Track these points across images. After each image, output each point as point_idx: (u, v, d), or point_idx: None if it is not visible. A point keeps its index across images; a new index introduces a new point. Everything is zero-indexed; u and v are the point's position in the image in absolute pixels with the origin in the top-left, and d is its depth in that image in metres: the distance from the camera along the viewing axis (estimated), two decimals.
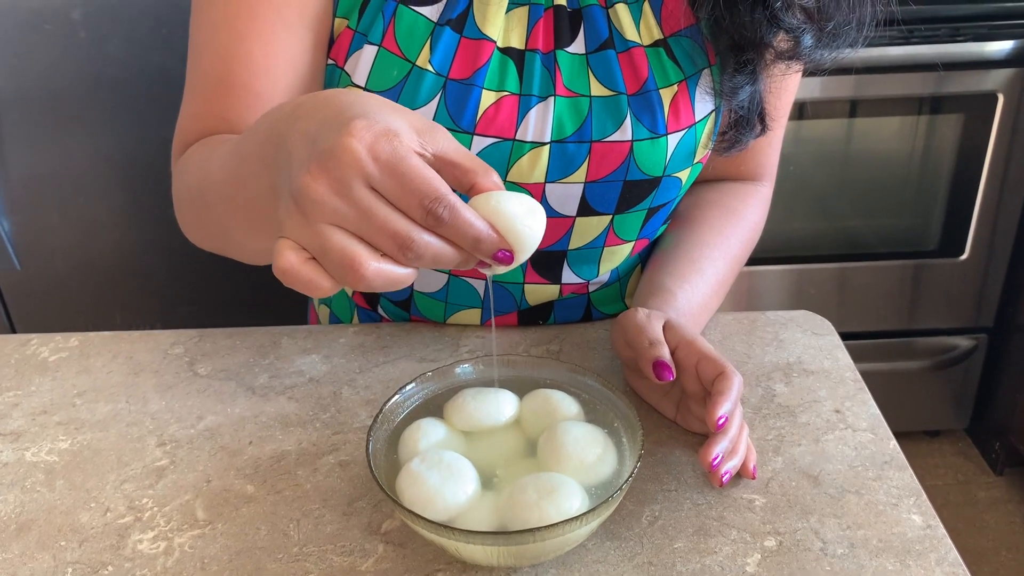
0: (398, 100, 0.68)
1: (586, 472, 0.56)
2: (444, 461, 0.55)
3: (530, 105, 0.70)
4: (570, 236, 0.75)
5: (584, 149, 0.70)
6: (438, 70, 0.68)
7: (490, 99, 0.69)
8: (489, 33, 0.69)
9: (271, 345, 0.80)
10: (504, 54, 0.70)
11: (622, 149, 0.70)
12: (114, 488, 0.65)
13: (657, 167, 0.72)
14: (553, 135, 0.70)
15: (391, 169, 0.43)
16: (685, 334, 0.65)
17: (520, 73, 0.70)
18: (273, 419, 0.71)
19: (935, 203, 1.78)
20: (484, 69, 0.69)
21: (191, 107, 0.71)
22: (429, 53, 0.68)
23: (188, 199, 0.67)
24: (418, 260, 0.45)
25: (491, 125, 0.69)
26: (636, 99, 0.70)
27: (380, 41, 0.69)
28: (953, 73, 1.64)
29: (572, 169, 0.71)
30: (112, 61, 1.52)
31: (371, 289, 0.45)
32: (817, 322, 0.80)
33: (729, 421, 0.60)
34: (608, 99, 0.70)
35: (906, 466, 0.64)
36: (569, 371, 0.63)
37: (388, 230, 0.44)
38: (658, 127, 0.70)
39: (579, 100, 0.70)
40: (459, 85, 0.68)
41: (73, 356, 0.80)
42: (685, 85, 0.71)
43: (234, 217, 0.57)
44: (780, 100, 0.79)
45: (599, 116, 0.70)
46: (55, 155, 1.58)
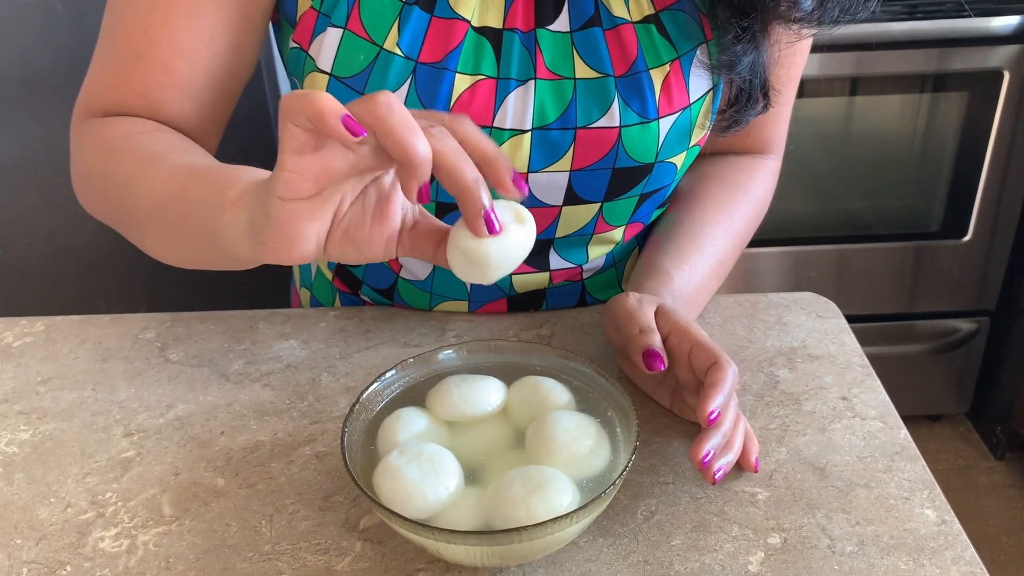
0: (365, 86, 0.64)
1: (577, 465, 0.52)
2: (425, 454, 0.52)
3: (509, 89, 0.65)
4: (557, 225, 0.71)
5: (569, 136, 0.66)
6: (407, 53, 0.63)
7: (464, 83, 0.64)
8: (462, 12, 0.64)
9: (247, 330, 0.76)
10: (479, 34, 0.64)
11: (609, 136, 0.66)
12: (76, 482, 0.61)
13: (648, 153, 0.67)
14: (535, 122, 0.65)
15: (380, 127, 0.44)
16: (678, 320, 0.61)
17: (497, 55, 0.65)
18: (247, 408, 0.67)
19: (937, 183, 1.74)
20: (457, 51, 0.64)
21: (105, 73, 0.67)
22: (397, 35, 0.63)
23: (104, 182, 0.65)
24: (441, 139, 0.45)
25: (466, 111, 0.64)
26: (624, 81, 0.65)
27: (345, 23, 0.64)
28: (957, 49, 1.60)
29: (556, 157, 0.66)
30: (92, 37, 1.47)
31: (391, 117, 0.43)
32: (822, 304, 0.76)
33: (722, 415, 0.56)
34: (594, 81, 0.65)
35: (918, 457, 0.60)
36: (560, 357, 0.59)
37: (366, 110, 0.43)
38: (648, 111, 0.66)
39: (563, 83, 0.65)
40: (430, 69, 0.64)
41: (38, 341, 0.76)
42: (678, 64, 0.67)
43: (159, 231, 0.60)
44: (788, 72, 0.74)
45: (584, 101, 0.65)
46: (35, 136, 1.54)
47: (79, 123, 0.69)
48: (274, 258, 0.47)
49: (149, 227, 0.61)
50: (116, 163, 0.63)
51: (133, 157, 0.62)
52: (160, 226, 0.60)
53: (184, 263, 0.61)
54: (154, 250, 0.63)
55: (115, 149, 0.64)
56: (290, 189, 0.45)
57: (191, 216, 0.55)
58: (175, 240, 0.59)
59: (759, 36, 0.66)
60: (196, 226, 0.55)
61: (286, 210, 0.46)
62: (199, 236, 0.55)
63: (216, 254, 0.55)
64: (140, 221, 0.61)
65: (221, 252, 0.54)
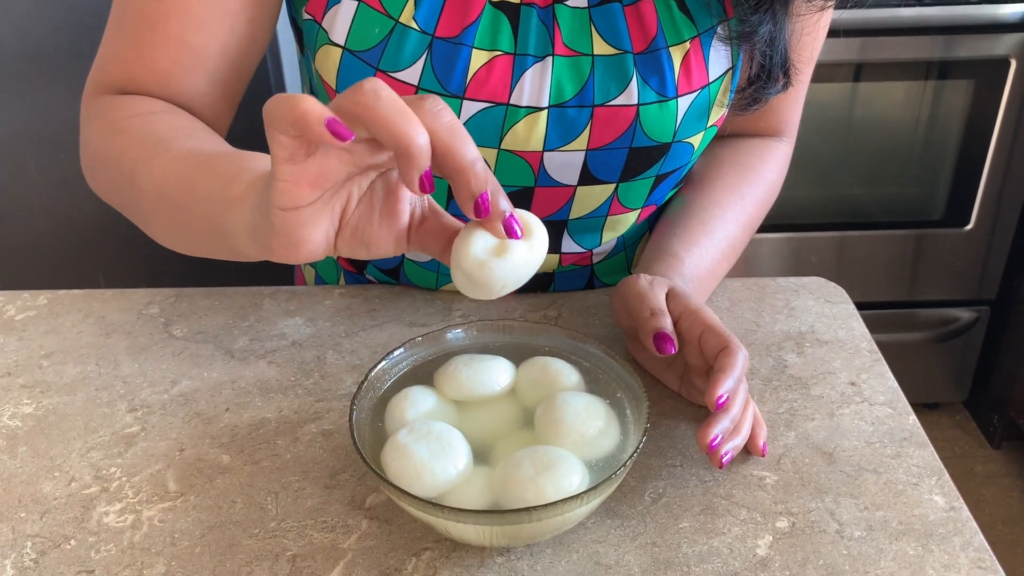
0: (380, 61, 0.63)
1: (586, 446, 0.52)
2: (433, 432, 0.51)
3: (526, 66, 0.64)
4: (571, 206, 0.70)
5: (586, 114, 0.65)
6: (423, 27, 0.62)
7: (481, 59, 0.63)
8: None
9: (252, 306, 0.76)
10: (497, 8, 0.63)
11: (627, 114, 0.65)
12: (80, 456, 0.61)
13: (666, 133, 0.66)
14: (551, 99, 0.64)
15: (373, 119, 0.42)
16: (689, 303, 0.61)
17: (515, 30, 0.64)
18: (252, 384, 0.67)
19: (941, 172, 1.74)
20: (474, 26, 0.63)
21: (117, 46, 0.66)
22: (413, 8, 0.62)
23: (111, 165, 0.63)
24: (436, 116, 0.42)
25: (482, 88, 0.63)
26: (643, 58, 0.64)
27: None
28: (963, 36, 1.59)
29: (572, 136, 0.65)
30: (91, 9, 1.45)
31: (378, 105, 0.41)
32: (830, 289, 0.76)
33: (731, 399, 0.55)
34: (612, 58, 0.64)
35: (927, 443, 0.60)
36: (569, 338, 0.59)
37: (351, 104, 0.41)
38: (667, 89, 0.65)
39: (580, 60, 0.64)
40: (447, 44, 0.63)
41: (41, 315, 0.75)
42: (698, 41, 0.66)
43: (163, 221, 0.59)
44: (806, 52, 0.73)
45: (602, 78, 0.64)
46: (33, 109, 1.52)
47: (89, 101, 0.67)
48: (282, 260, 0.45)
49: (155, 217, 0.60)
50: (121, 147, 0.62)
51: (139, 142, 0.61)
52: (165, 216, 0.58)
53: (192, 252, 0.60)
54: (161, 238, 0.62)
55: (121, 132, 0.62)
56: (288, 199, 0.43)
57: (196, 210, 0.54)
58: (181, 231, 0.58)
59: (777, 6, 0.65)
60: (201, 221, 0.54)
61: (289, 219, 0.43)
62: (205, 230, 0.54)
63: (223, 249, 0.54)
64: (145, 210, 0.60)
65: (227, 248, 0.53)
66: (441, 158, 0.42)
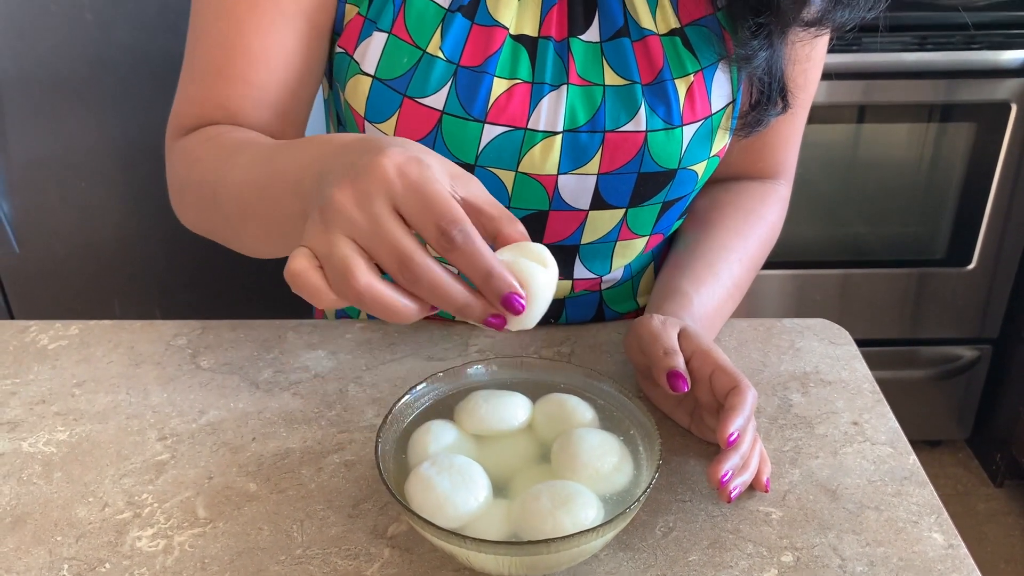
0: (408, 87, 0.67)
1: (601, 481, 0.54)
2: (455, 466, 0.54)
3: (543, 93, 0.68)
4: (583, 230, 0.74)
5: (597, 139, 0.69)
6: (449, 57, 0.67)
7: (502, 87, 0.67)
8: (502, 19, 0.67)
9: (276, 339, 0.78)
10: (516, 41, 0.68)
11: (636, 140, 0.69)
12: (113, 482, 0.63)
13: (672, 159, 0.70)
14: (566, 124, 0.68)
15: (415, 189, 0.45)
16: (701, 343, 0.63)
17: (533, 61, 0.68)
18: (277, 415, 0.70)
19: (943, 212, 1.77)
20: (496, 56, 0.67)
21: (189, 90, 0.71)
22: (440, 40, 0.67)
23: (194, 191, 0.67)
24: (416, 283, 0.45)
25: (502, 113, 0.67)
26: (651, 89, 0.69)
27: (390, 28, 0.67)
28: (965, 81, 1.63)
29: (585, 160, 0.69)
30: (118, 45, 1.50)
31: (363, 307, 0.45)
32: (834, 331, 0.79)
33: (741, 437, 0.58)
34: (622, 88, 0.68)
35: (926, 482, 0.62)
36: (584, 375, 0.62)
37: (392, 244, 0.44)
38: (673, 118, 0.69)
39: (592, 89, 0.68)
40: (470, 72, 0.67)
41: (73, 344, 0.78)
42: (701, 76, 0.70)
43: (249, 224, 0.59)
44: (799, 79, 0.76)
45: (613, 105, 0.68)
46: (57, 138, 1.56)
47: (170, 144, 0.72)
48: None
49: (243, 227, 0.61)
50: (200, 172, 0.65)
51: (213, 160, 0.64)
52: (252, 229, 0.60)
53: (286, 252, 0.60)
54: (254, 248, 0.63)
55: (198, 159, 0.66)
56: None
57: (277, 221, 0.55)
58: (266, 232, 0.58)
59: (775, 33, 0.69)
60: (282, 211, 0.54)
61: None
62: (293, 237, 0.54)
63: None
64: (235, 224, 0.62)
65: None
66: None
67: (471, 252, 0.45)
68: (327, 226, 0.45)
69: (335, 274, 0.45)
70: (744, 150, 0.80)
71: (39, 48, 1.49)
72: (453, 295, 0.45)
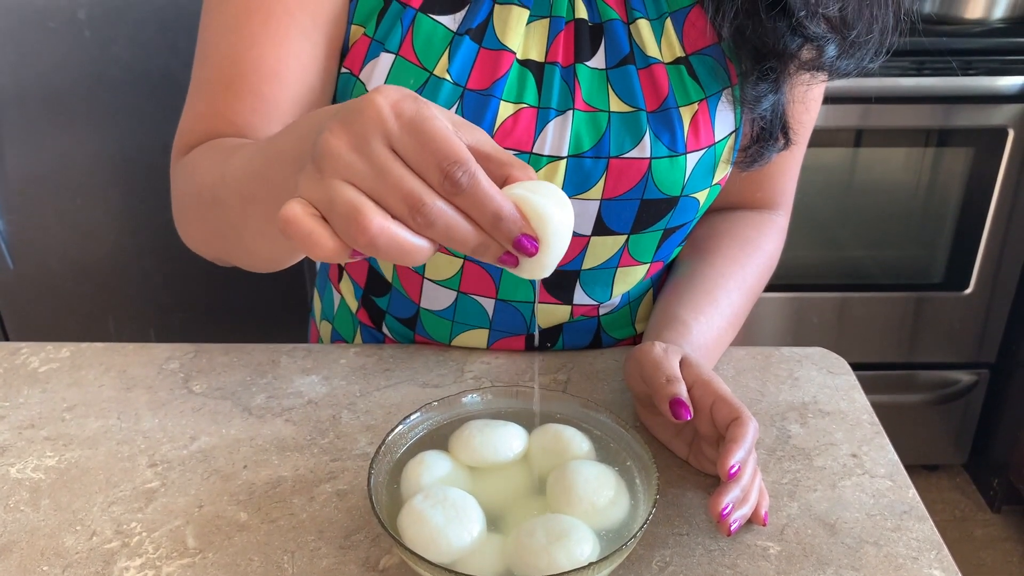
0: None
1: (597, 515, 0.53)
2: (449, 499, 0.53)
3: (548, 118, 0.68)
4: (584, 255, 0.73)
5: (601, 165, 0.68)
6: (456, 80, 0.66)
7: (508, 111, 0.67)
8: (509, 44, 0.67)
9: (269, 363, 0.78)
10: (523, 66, 0.68)
11: (640, 166, 0.68)
12: (101, 510, 0.62)
13: (675, 186, 0.70)
14: (570, 149, 0.68)
15: (412, 127, 0.41)
16: (702, 373, 0.63)
17: (539, 86, 0.68)
18: (269, 442, 0.69)
19: (940, 236, 1.77)
20: (503, 80, 0.67)
21: (196, 106, 0.69)
22: (447, 62, 0.66)
23: (195, 199, 0.64)
24: (430, 228, 0.42)
25: (508, 137, 0.67)
26: (656, 116, 0.68)
27: (397, 49, 0.67)
28: (963, 106, 1.63)
29: (589, 185, 0.69)
30: (116, 62, 1.50)
31: (375, 252, 0.42)
32: (833, 360, 0.78)
33: (742, 469, 0.57)
34: (627, 115, 0.68)
35: (926, 517, 0.62)
36: (581, 406, 0.61)
37: (401, 189, 0.41)
38: (677, 145, 0.69)
39: (598, 115, 0.68)
40: (477, 95, 0.67)
41: (64, 367, 0.77)
42: (705, 104, 0.70)
43: (251, 216, 0.55)
44: (803, 116, 0.77)
45: (618, 132, 0.68)
46: (54, 155, 1.56)
47: (174, 162, 0.70)
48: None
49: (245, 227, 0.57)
50: (199, 180, 0.63)
51: (209, 164, 0.61)
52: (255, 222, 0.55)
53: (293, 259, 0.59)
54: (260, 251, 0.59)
55: (196, 168, 0.64)
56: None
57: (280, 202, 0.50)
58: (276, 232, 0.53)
59: (781, 78, 0.70)
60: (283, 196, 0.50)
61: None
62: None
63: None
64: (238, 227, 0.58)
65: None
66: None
67: (478, 194, 0.41)
68: (323, 173, 0.42)
69: (341, 220, 0.41)
70: (743, 180, 0.80)
71: (37, 65, 1.49)
72: (468, 236, 0.42)
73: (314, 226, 0.42)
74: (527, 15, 0.68)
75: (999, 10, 1.63)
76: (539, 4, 0.68)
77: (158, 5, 1.44)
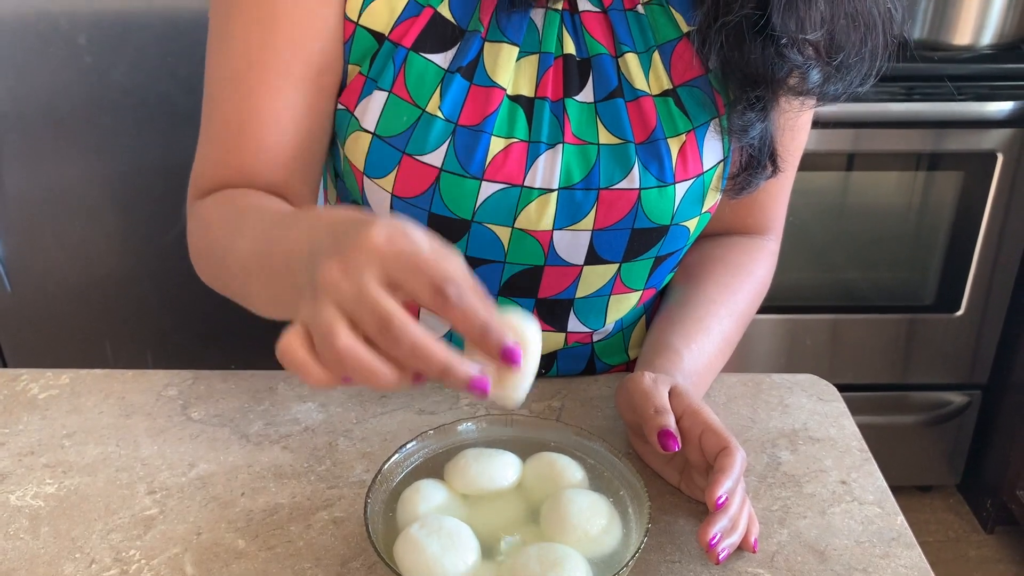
0: (407, 145, 0.68)
1: (590, 543, 0.54)
2: (444, 528, 0.54)
3: (539, 152, 0.69)
4: (577, 284, 0.75)
5: (592, 196, 0.70)
6: (448, 116, 0.68)
7: (499, 145, 0.68)
8: (499, 81, 0.69)
9: (267, 390, 0.79)
10: (514, 101, 0.69)
11: (630, 197, 0.70)
12: (100, 538, 0.63)
13: (665, 215, 0.71)
14: (561, 182, 0.69)
15: (405, 255, 0.45)
16: (691, 402, 0.64)
17: (529, 120, 0.69)
18: (267, 469, 0.70)
19: (932, 259, 1.78)
20: (494, 116, 0.68)
21: (207, 154, 0.72)
22: (439, 99, 0.68)
23: (208, 255, 0.69)
24: (396, 344, 0.44)
25: (500, 171, 0.68)
26: (644, 147, 0.70)
27: (390, 87, 0.68)
28: (953, 131, 1.65)
29: (580, 216, 0.70)
30: (115, 87, 1.51)
31: (344, 370, 0.45)
32: (822, 387, 0.79)
33: (730, 499, 0.59)
34: (616, 147, 0.70)
35: (914, 544, 0.63)
36: (575, 434, 0.62)
37: (372, 306, 0.44)
38: (666, 176, 0.70)
39: (587, 148, 0.69)
40: (468, 131, 0.68)
41: (64, 394, 0.78)
42: (693, 135, 0.71)
43: (254, 292, 0.61)
44: (790, 145, 0.78)
45: (607, 164, 0.69)
46: (53, 179, 1.57)
47: (190, 205, 0.74)
48: None
49: (250, 296, 0.63)
50: (211, 239, 0.68)
51: (223, 228, 0.66)
52: (257, 298, 0.62)
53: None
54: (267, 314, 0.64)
55: (209, 225, 0.69)
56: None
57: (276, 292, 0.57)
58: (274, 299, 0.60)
59: (769, 106, 0.71)
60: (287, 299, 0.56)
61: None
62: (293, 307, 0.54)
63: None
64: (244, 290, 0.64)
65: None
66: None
67: (467, 307, 0.45)
68: (316, 299, 0.46)
69: (319, 339, 0.45)
70: (734, 206, 0.82)
71: (37, 89, 1.50)
72: (435, 357, 0.45)
73: (305, 358, 0.46)
74: (516, 52, 0.69)
75: (987, 36, 1.65)
76: (528, 41, 0.69)
77: (158, 32, 1.46)
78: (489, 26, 0.68)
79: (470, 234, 0.70)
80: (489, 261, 0.72)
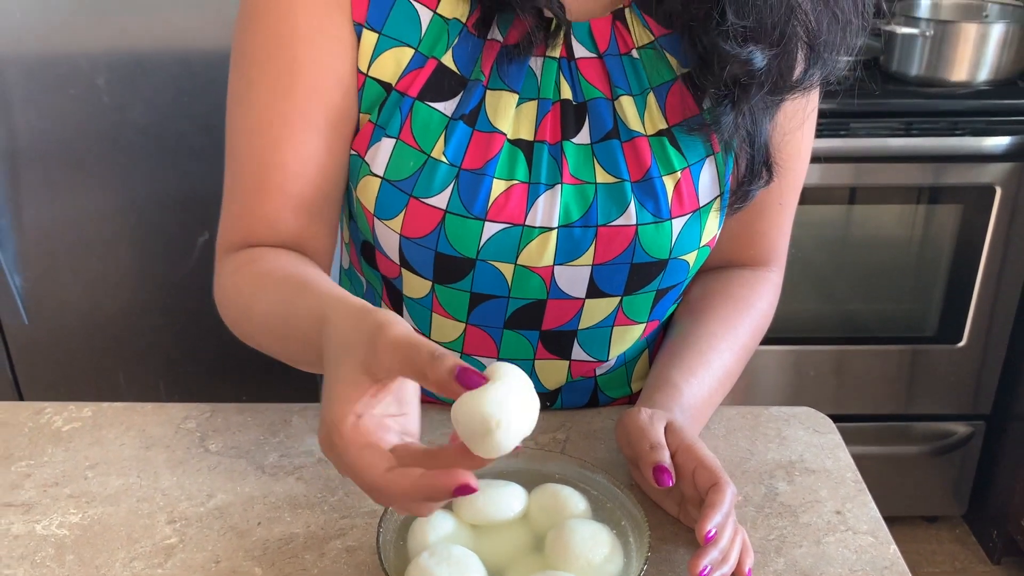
0: (414, 188, 0.71)
1: (593, 572, 0.57)
2: (453, 556, 0.56)
3: (538, 192, 0.72)
4: (580, 316, 0.78)
5: (590, 233, 0.73)
6: (452, 161, 0.71)
7: (501, 187, 0.72)
8: (500, 126, 0.72)
9: (281, 423, 0.81)
10: (514, 145, 0.73)
11: (627, 233, 0.73)
12: (123, 566, 0.66)
13: (663, 250, 0.74)
14: (560, 220, 0.73)
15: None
16: (685, 438, 0.67)
17: (529, 163, 0.73)
18: (282, 499, 0.72)
19: (933, 290, 1.81)
20: (495, 160, 0.72)
21: (233, 207, 0.76)
22: (443, 145, 0.71)
23: (233, 309, 0.74)
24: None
25: (502, 212, 0.72)
26: (639, 185, 0.73)
27: (398, 134, 0.72)
28: (951, 165, 1.68)
29: (579, 253, 0.74)
30: (132, 126, 1.55)
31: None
32: (819, 420, 0.82)
33: (719, 533, 0.61)
34: (612, 185, 0.73)
35: (907, 572, 0.65)
36: (578, 467, 0.65)
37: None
38: (662, 212, 0.73)
39: (585, 187, 0.73)
40: (471, 175, 0.71)
41: (86, 427, 0.81)
42: (688, 172, 0.74)
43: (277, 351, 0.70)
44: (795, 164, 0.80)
45: (604, 202, 0.73)
46: (71, 214, 1.60)
47: (220, 258, 0.78)
48: None
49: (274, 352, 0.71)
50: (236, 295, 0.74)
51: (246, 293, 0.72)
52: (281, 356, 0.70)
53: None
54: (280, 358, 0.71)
55: (235, 285, 0.74)
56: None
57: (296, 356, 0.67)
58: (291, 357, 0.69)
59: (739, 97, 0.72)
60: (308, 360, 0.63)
61: None
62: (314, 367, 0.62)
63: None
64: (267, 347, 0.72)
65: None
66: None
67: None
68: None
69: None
70: (736, 238, 0.84)
71: (57, 127, 1.55)
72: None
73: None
74: (516, 98, 0.73)
75: (984, 73, 1.68)
76: (527, 87, 0.73)
77: (173, 73, 1.50)
78: (490, 75, 0.72)
79: (475, 271, 0.74)
80: (494, 296, 0.76)
